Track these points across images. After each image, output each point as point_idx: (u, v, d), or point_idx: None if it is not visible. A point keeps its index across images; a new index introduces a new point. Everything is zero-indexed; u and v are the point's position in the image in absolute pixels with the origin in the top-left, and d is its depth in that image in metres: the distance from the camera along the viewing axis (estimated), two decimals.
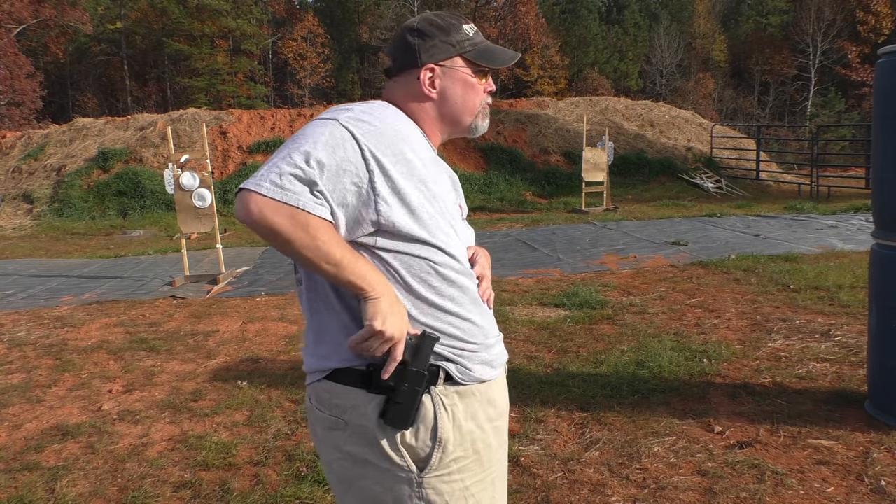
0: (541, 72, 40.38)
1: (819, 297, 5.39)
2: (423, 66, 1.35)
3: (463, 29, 1.38)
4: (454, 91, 1.37)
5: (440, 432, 1.26)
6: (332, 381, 1.29)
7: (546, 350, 4.40)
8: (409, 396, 1.23)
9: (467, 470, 1.30)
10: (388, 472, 1.26)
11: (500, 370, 1.41)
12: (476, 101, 1.40)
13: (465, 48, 1.37)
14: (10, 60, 27.77)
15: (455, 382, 1.30)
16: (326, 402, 1.31)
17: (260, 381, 4.04)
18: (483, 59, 1.38)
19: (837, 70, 39.36)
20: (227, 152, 15.65)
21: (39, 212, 14.33)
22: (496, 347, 1.40)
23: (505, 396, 1.44)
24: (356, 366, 1.26)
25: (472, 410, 1.31)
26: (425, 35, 1.35)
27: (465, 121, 1.41)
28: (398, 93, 1.39)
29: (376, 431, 1.25)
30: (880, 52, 3.12)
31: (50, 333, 5.40)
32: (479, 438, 1.32)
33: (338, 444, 1.30)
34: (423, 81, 1.35)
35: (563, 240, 9.25)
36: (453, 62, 1.37)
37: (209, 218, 7.41)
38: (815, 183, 14.71)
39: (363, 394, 1.26)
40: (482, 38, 1.41)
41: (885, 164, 3.11)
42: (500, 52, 1.42)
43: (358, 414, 1.26)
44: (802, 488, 2.57)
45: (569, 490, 2.64)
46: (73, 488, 2.83)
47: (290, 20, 44.53)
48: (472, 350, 1.32)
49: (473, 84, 1.39)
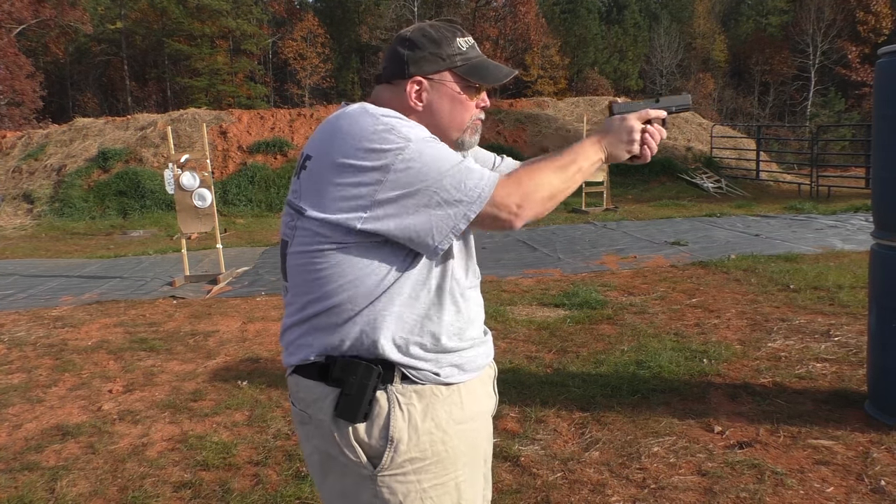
0: (541, 72, 40.38)
1: (819, 297, 5.39)
2: (411, 79, 1.32)
3: (456, 42, 1.33)
4: (441, 106, 1.34)
5: (392, 431, 1.24)
6: (299, 375, 1.32)
7: (546, 350, 4.40)
8: (359, 389, 1.24)
9: (425, 472, 1.27)
10: (347, 466, 1.27)
11: (472, 374, 1.36)
12: (465, 116, 1.36)
13: (455, 63, 1.33)
14: (10, 60, 27.76)
15: (413, 381, 1.27)
16: (295, 396, 1.34)
17: (260, 381, 4.05)
18: (473, 76, 1.34)
19: (837, 70, 39.36)
20: (227, 152, 15.65)
21: (39, 212, 14.33)
22: (470, 351, 1.35)
23: (482, 399, 1.40)
24: (316, 360, 1.28)
25: (432, 411, 1.28)
26: (416, 46, 1.32)
27: (451, 136, 1.36)
28: (383, 97, 1.36)
29: (332, 425, 1.26)
30: (880, 52, 3.12)
31: (50, 333, 5.40)
32: (439, 440, 1.29)
33: (308, 437, 1.33)
34: (410, 94, 1.32)
35: (563, 240, 9.25)
36: (442, 76, 1.33)
37: (209, 218, 7.41)
38: (815, 183, 14.71)
39: (322, 387, 1.27)
40: (477, 53, 1.37)
41: (885, 164, 3.11)
42: (494, 68, 1.37)
43: (317, 408, 1.28)
44: (802, 488, 2.57)
45: (569, 490, 2.64)
46: (73, 488, 2.83)
47: (290, 20, 44.53)
48: (436, 353, 1.30)
49: (462, 100, 1.35)
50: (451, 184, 1.19)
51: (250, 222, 13.46)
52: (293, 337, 1.33)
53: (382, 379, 1.25)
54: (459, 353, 1.34)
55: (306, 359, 1.29)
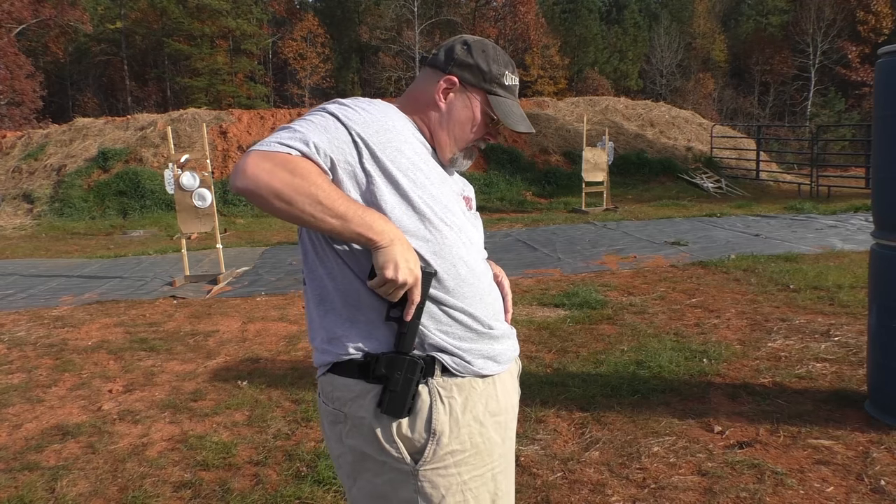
0: (541, 72, 40.38)
1: (819, 297, 5.39)
2: (448, 75, 1.36)
3: (505, 73, 1.38)
4: (459, 114, 1.37)
5: (435, 424, 1.26)
6: (334, 374, 1.32)
7: (546, 350, 4.40)
8: (404, 384, 1.25)
9: (465, 464, 1.29)
10: (386, 464, 1.27)
11: (505, 366, 1.39)
12: (470, 137, 1.39)
13: (492, 88, 1.37)
14: (10, 60, 27.76)
15: (453, 374, 1.30)
16: (329, 396, 1.34)
17: (260, 381, 4.05)
18: (497, 110, 1.37)
19: (837, 70, 39.35)
20: (227, 152, 15.65)
21: (39, 212, 14.34)
22: (501, 343, 1.38)
23: (512, 393, 1.44)
24: (355, 357, 1.28)
25: (471, 404, 1.31)
26: (471, 53, 1.36)
27: (452, 145, 1.38)
28: (415, 88, 1.41)
29: (373, 422, 1.26)
30: (880, 52, 3.12)
31: (50, 333, 5.40)
32: (477, 433, 1.31)
33: (340, 437, 1.32)
34: (439, 88, 1.36)
35: (563, 240, 9.25)
36: (475, 91, 1.37)
37: (209, 218, 7.41)
38: (815, 183, 14.71)
39: (361, 384, 1.27)
40: (513, 95, 1.40)
41: (885, 164, 3.11)
42: (520, 116, 1.40)
43: (357, 405, 1.28)
44: (802, 488, 2.57)
45: (569, 490, 2.64)
46: (73, 488, 2.83)
47: (290, 20, 44.54)
48: (471, 342, 1.32)
49: (478, 121, 1.38)
50: (279, 135, 1.23)
51: (250, 222, 13.46)
52: (324, 333, 1.33)
53: (424, 373, 1.27)
54: (493, 345, 1.36)
55: (341, 355, 1.30)
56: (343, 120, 1.25)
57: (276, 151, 1.19)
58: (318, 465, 2.87)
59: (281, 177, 1.16)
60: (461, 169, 1.44)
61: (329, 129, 1.24)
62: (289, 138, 1.21)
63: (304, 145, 1.20)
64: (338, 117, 1.26)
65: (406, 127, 1.34)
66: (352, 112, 1.27)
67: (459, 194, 1.42)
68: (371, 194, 1.25)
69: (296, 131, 1.22)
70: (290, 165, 1.18)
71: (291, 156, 1.19)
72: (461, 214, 1.38)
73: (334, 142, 1.23)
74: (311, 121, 1.25)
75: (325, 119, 1.26)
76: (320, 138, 1.22)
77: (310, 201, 1.17)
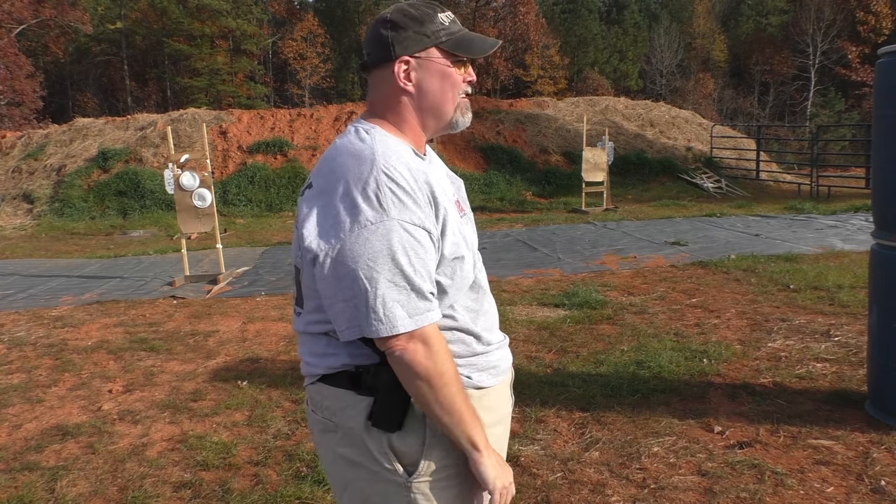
0: (541, 72, 40.38)
1: (819, 297, 5.39)
2: (398, 59, 1.28)
3: (438, 18, 1.30)
4: (431, 83, 1.30)
5: (428, 437, 1.24)
6: (324, 383, 1.29)
7: (546, 350, 4.40)
8: (396, 399, 1.22)
9: (458, 476, 1.27)
10: (378, 474, 1.25)
11: (501, 377, 1.38)
12: (455, 92, 1.32)
13: (440, 38, 1.29)
14: (10, 60, 27.74)
15: None
16: (319, 405, 1.31)
17: (260, 381, 4.04)
18: (460, 49, 1.30)
19: (837, 70, 39.35)
20: (227, 152, 15.65)
21: (39, 212, 14.33)
22: (495, 354, 1.37)
23: (505, 402, 1.42)
24: (346, 368, 1.26)
25: None
26: (398, 26, 1.28)
27: (445, 113, 1.33)
28: (377, 94, 1.33)
29: (363, 434, 1.24)
30: (880, 52, 3.12)
31: (50, 333, 5.40)
32: None
33: (331, 446, 1.30)
34: (398, 74, 1.29)
35: (563, 240, 9.24)
36: (429, 53, 1.29)
37: (209, 218, 7.41)
38: (815, 183, 14.71)
39: (352, 395, 1.24)
40: (459, 27, 1.33)
41: (885, 164, 3.11)
42: (479, 40, 1.33)
43: (346, 416, 1.25)
44: (802, 488, 2.57)
45: (569, 490, 2.64)
46: (73, 488, 2.83)
47: (290, 20, 44.52)
48: (466, 357, 1.31)
49: (451, 74, 1.31)
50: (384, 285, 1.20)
51: (250, 222, 13.46)
52: (315, 346, 1.30)
53: None
54: (488, 357, 1.34)
55: (333, 367, 1.27)
56: (408, 223, 1.19)
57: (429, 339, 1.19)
58: (317, 465, 2.87)
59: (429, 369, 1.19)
60: (464, 126, 1.37)
61: (418, 247, 1.19)
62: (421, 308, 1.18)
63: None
64: (404, 225, 1.18)
65: (405, 153, 1.27)
66: (402, 202, 1.19)
67: (454, 200, 1.37)
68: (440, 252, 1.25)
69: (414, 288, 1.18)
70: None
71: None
72: (464, 225, 1.33)
73: (423, 251, 1.20)
74: (397, 249, 1.17)
75: (401, 235, 1.18)
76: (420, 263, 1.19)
77: (438, 397, 1.20)
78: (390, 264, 1.15)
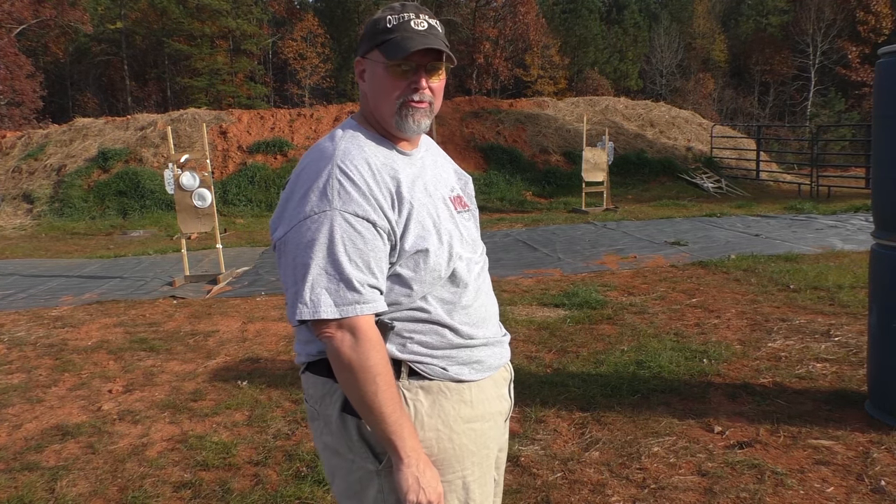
0: (541, 72, 40.38)
1: (819, 297, 5.39)
2: (356, 59, 1.38)
3: (385, 20, 1.31)
4: (371, 85, 1.35)
5: None
6: (309, 372, 1.34)
7: (546, 350, 4.40)
8: None
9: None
10: (354, 462, 1.28)
11: (484, 374, 1.37)
12: (391, 95, 1.31)
13: (377, 41, 1.31)
14: (10, 60, 27.74)
15: (421, 377, 1.29)
16: (307, 393, 1.37)
17: (260, 381, 4.04)
18: (388, 51, 1.29)
19: (837, 70, 39.35)
20: (227, 152, 15.65)
21: (39, 212, 14.33)
22: (481, 350, 1.36)
23: (493, 400, 1.40)
24: (322, 356, 1.29)
25: (439, 408, 1.29)
26: (365, 31, 1.37)
27: (384, 114, 1.33)
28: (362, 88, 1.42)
29: (338, 421, 1.28)
30: (880, 52, 3.12)
31: (50, 333, 5.40)
32: (446, 437, 1.30)
33: (317, 434, 1.35)
34: (357, 73, 1.38)
35: (563, 240, 9.24)
36: (373, 55, 1.33)
37: (209, 218, 7.41)
38: (815, 183, 14.70)
39: (330, 383, 1.29)
40: (405, 31, 1.29)
41: (885, 164, 3.11)
42: (411, 40, 1.28)
43: (325, 404, 1.30)
44: (802, 488, 2.57)
45: (569, 490, 2.64)
46: (73, 488, 2.83)
47: (290, 20, 44.51)
48: (443, 350, 1.31)
49: (383, 76, 1.30)
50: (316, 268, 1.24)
51: (250, 222, 13.46)
52: (302, 336, 1.35)
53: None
54: (470, 352, 1.34)
55: (312, 355, 1.32)
56: (358, 214, 1.23)
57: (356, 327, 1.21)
58: (317, 465, 2.87)
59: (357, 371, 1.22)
60: (420, 132, 1.35)
61: (358, 238, 1.23)
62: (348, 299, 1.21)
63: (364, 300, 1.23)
64: (356, 215, 1.23)
65: (373, 152, 1.32)
66: (352, 195, 1.24)
67: (447, 197, 1.38)
68: (399, 246, 1.28)
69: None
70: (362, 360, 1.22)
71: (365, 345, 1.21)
72: (448, 220, 1.34)
73: (371, 243, 1.24)
74: (335, 237, 1.21)
75: (343, 226, 1.22)
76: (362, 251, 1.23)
77: (364, 392, 1.21)
78: (325, 252, 1.20)
